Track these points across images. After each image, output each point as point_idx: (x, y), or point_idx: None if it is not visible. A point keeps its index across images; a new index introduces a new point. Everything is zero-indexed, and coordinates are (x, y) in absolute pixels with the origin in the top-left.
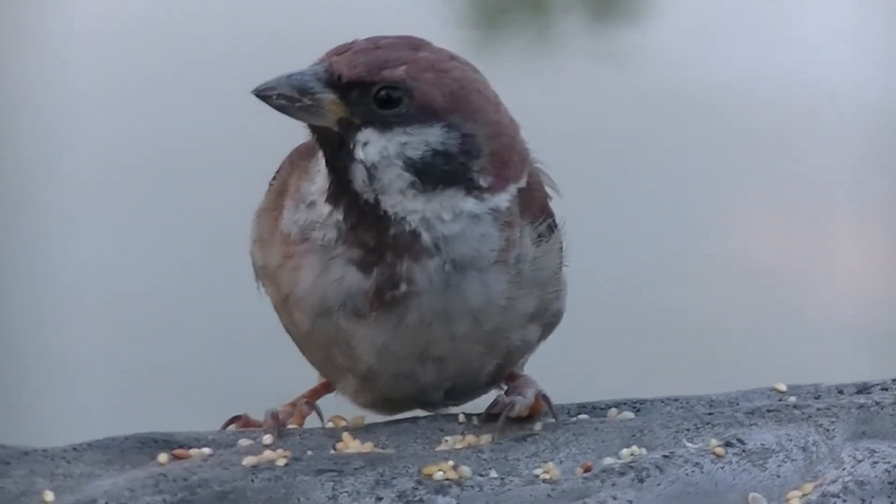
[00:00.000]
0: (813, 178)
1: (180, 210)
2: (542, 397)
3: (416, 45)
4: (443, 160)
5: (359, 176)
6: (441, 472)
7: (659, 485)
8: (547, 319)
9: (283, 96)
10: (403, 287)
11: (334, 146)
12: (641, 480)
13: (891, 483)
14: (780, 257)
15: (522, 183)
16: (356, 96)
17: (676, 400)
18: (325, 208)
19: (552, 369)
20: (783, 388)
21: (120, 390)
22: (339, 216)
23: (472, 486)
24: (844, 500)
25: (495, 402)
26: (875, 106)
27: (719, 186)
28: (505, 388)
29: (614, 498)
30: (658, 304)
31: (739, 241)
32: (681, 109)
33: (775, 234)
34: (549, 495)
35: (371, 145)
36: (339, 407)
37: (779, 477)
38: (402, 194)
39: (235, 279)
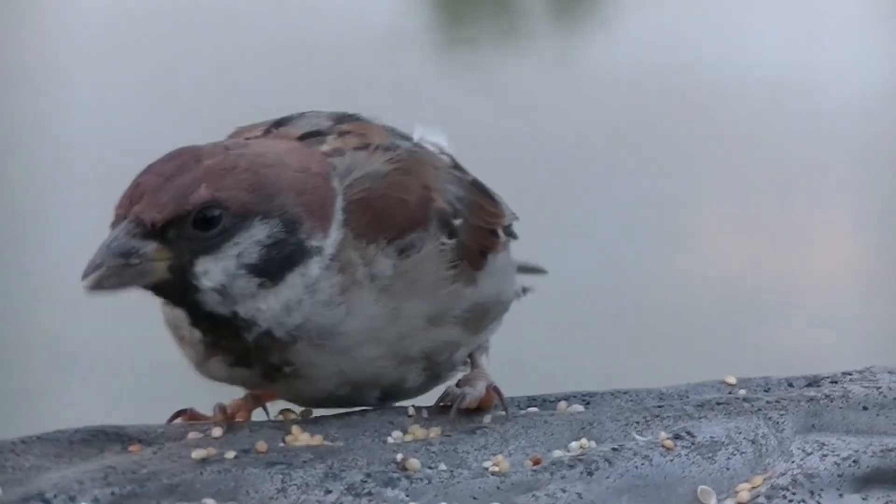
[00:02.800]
0: (777, 177)
1: None
2: (493, 389)
3: (195, 155)
4: (278, 249)
5: (211, 301)
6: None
7: (608, 477)
8: (461, 317)
9: (113, 276)
10: (287, 369)
11: (174, 290)
12: (591, 473)
13: (840, 476)
14: (735, 253)
15: (339, 204)
16: (175, 235)
17: (626, 393)
18: (186, 330)
19: (502, 362)
20: (733, 381)
21: (75, 384)
22: (199, 336)
23: (420, 479)
24: (794, 493)
25: (445, 394)
26: (864, 101)
27: (688, 184)
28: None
29: (563, 490)
30: (608, 298)
31: (695, 236)
32: (655, 104)
33: (733, 228)
34: (498, 488)
35: (210, 272)
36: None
37: (728, 469)
38: (254, 298)
39: None
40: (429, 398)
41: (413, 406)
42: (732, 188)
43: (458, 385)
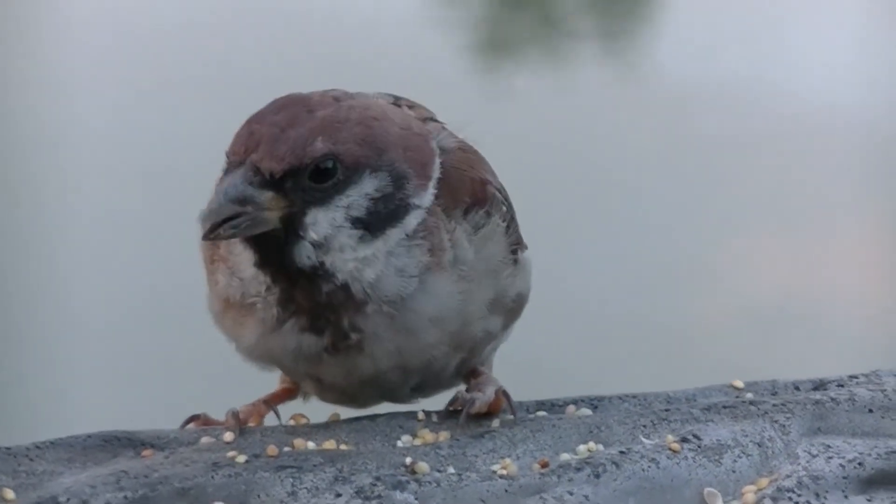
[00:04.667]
0: (791, 194)
1: (175, 213)
2: (502, 394)
3: (307, 106)
4: (384, 203)
5: (303, 253)
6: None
7: (615, 480)
8: (507, 306)
9: (229, 228)
10: (354, 337)
11: (275, 242)
12: (598, 476)
13: (845, 478)
14: (745, 262)
15: (437, 166)
16: (291, 186)
17: (634, 397)
18: (262, 285)
19: (511, 366)
20: (740, 384)
21: (89, 390)
22: (273, 289)
23: (429, 482)
24: (799, 495)
25: (455, 399)
26: (879, 123)
27: (703, 196)
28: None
29: (570, 493)
30: (616, 302)
31: (703, 242)
32: (685, 121)
33: (745, 240)
34: (506, 491)
35: (319, 223)
36: (299, 405)
37: (734, 472)
38: (349, 252)
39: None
40: (438, 402)
41: (423, 410)
42: (749, 203)
43: (467, 390)
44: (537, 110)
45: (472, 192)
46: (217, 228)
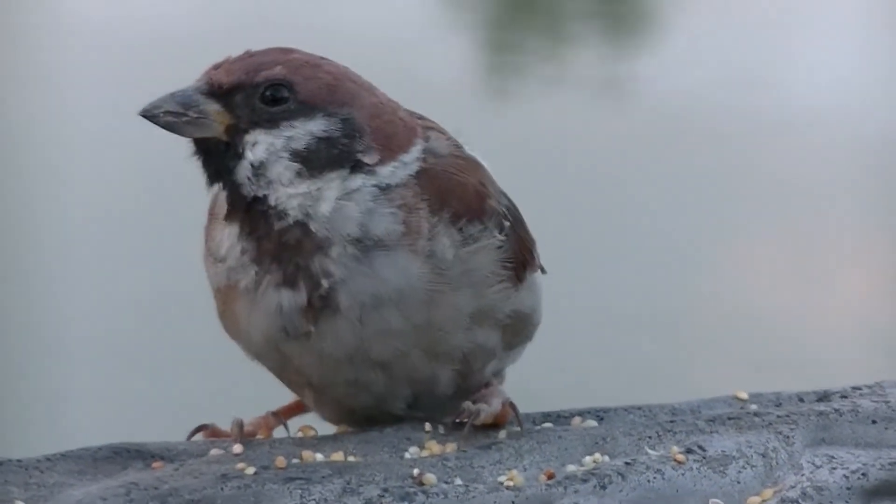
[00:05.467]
0: (798, 202)
1: (175, 222)
2: (508, 405)
3: (286, 50)
4: (327, 145)
5: (243, 174)
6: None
7: (621, 491)
8: (502, 322)
9: (169, 113)
10: (325, 283)
11: (220, 156)
12: (604, 487)
13: (848, 488)
14: (751, 273)
15: (414, 154)
16: (241, 100)
17: (639, 408)
18: (236, 248)
19: (517, 378)
20: (745, 396)
21: (98, 401)
22: (246, 247)
23: (437, 494)
24: None
25: (461, 410)
26: (883, 131)
27: (710, 208)
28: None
29: None
30: (622, 314)
31: (707, 252)
32: (688, 126)
33: (751, 250)
34: (512, 502)
35: (259, 144)
36: (308, 417)
37: (739, 483)
38: (287, 185)
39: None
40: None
41: (429, 422)
42: (753, 213)
43: (473, 401)
44: (539, 115)
45: (463, 199)
46: (159, 113)
